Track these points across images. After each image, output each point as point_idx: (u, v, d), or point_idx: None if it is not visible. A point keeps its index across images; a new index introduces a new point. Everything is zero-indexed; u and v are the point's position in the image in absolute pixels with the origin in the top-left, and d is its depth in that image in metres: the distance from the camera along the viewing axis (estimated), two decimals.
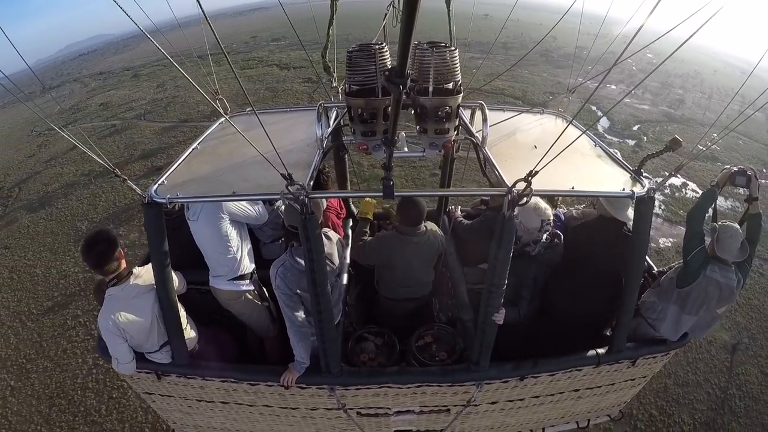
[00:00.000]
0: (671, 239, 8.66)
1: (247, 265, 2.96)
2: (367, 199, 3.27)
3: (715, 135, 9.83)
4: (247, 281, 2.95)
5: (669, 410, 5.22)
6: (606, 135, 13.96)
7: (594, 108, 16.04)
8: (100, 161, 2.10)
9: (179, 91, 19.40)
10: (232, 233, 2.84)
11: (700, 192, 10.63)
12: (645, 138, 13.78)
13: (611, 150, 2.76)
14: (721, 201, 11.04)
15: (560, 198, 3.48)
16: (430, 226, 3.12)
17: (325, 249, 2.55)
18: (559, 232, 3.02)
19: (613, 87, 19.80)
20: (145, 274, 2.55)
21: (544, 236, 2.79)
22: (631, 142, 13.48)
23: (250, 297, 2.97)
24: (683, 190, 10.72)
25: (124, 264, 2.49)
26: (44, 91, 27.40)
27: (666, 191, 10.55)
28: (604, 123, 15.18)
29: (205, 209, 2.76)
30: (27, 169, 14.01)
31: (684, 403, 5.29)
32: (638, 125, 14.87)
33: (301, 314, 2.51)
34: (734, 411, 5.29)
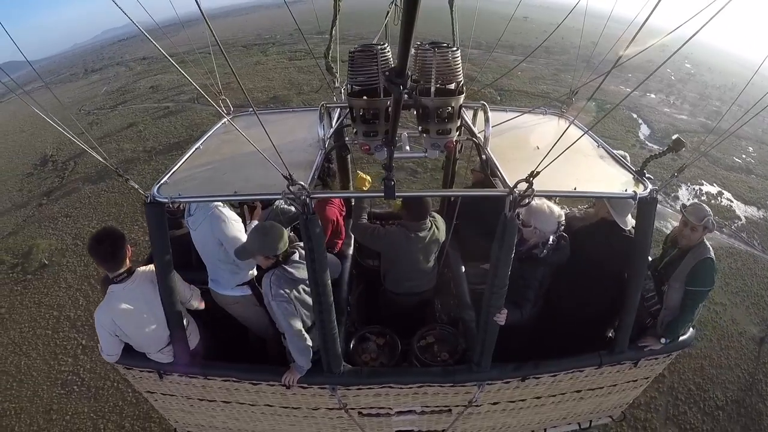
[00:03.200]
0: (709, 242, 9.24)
1: (245, 276, 2.95)
2: (360, 174, 3.27)
3: (752, 147, 10.05)
4: (246, 287, 2.94)
5: (705, 386, 5.86)
6: (647, 142, 14.21)
7: (635, 116, 16.46)
8: (102, 161, 2.10)
9: (230, 78, 19.47)
10: None
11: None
12: (683, 148, 13.93)
13: (618, 152, 2.74)
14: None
15: (557, 198, 3.47)
16: (436, 217, 3.18)
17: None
18: (564, 234, 3.01)
19: (653, 96, 20.18)
20: (144, 275, 2.52)
21: (552, 238, 2.79)
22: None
23: (248, 301, 2.97)
24: (719, 198, 11.18)
25: (128, 263, 2.48)
26: (86, 74, 27.87)
27: (703, 198, 11.05)
28: (644, 131, 15.48)
29: (206, 219, 2.76)
30: (80, 145, 14.10)
31: (717, 382, 5.91)
32: (677, 135, 14.96)
33: (298, 323, 2.46)
34: (761, 394, 5.87)
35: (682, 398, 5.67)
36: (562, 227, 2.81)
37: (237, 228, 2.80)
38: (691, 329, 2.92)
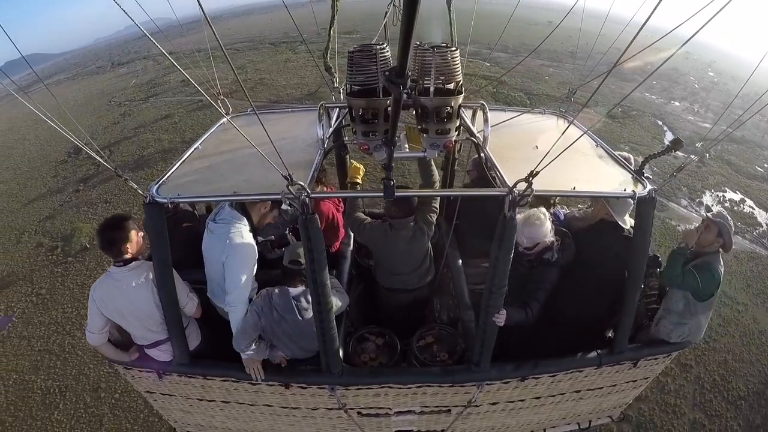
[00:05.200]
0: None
1: None
2: (355, 164, 3.27)
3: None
4: None
5: (728, 378, 6.34)
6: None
7: (660, 123, 16.82)
8: (101, 161, 2.10)
9: (262, 75, 19.95)
10: None
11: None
12: (707, 155, 14.39)
13: (621, 154, 2.74)
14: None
15: (557, 198, 3.47)
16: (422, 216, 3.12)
17: None
18: (565, 230, 3.01)
19: (677, 104, 20.55)
20: (141, 269, 2.51)
21: (555, 239, 2.79)
22: (695, 158, 13.81)
23: None
24: (741, 205, 11.54)
25: (132, 251, 2.48)
26: (113, 67, 28.74)
27: (726, 205, 11.45)
28: (670, 137, 15.67)
29: (224, 239, 2.60)
30: (115, 134, 14.36)
31: (740, 375, 6.41)
32: (701, 143, 15.29)
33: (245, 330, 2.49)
34: None
35: (708, 387, 6.16)
36: (554, 221, 2.82)
37: (243, 269, 2.56)
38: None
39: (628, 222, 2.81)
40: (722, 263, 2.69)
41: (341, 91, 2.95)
